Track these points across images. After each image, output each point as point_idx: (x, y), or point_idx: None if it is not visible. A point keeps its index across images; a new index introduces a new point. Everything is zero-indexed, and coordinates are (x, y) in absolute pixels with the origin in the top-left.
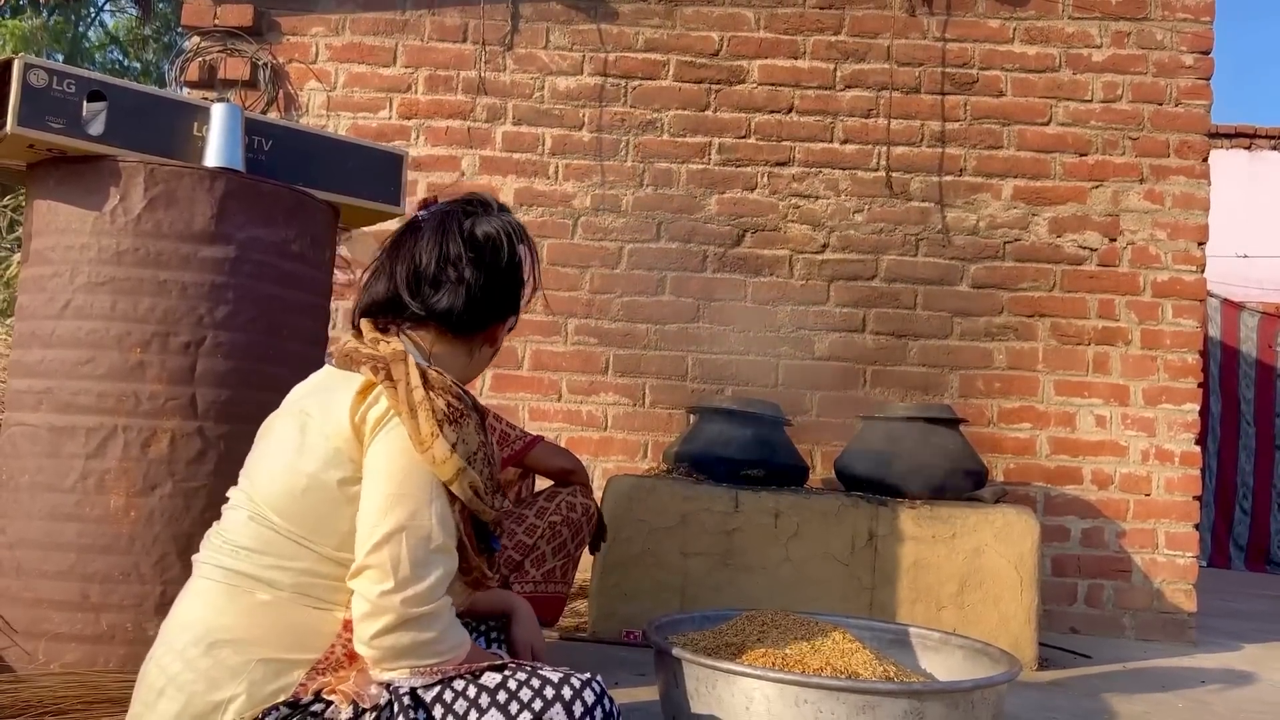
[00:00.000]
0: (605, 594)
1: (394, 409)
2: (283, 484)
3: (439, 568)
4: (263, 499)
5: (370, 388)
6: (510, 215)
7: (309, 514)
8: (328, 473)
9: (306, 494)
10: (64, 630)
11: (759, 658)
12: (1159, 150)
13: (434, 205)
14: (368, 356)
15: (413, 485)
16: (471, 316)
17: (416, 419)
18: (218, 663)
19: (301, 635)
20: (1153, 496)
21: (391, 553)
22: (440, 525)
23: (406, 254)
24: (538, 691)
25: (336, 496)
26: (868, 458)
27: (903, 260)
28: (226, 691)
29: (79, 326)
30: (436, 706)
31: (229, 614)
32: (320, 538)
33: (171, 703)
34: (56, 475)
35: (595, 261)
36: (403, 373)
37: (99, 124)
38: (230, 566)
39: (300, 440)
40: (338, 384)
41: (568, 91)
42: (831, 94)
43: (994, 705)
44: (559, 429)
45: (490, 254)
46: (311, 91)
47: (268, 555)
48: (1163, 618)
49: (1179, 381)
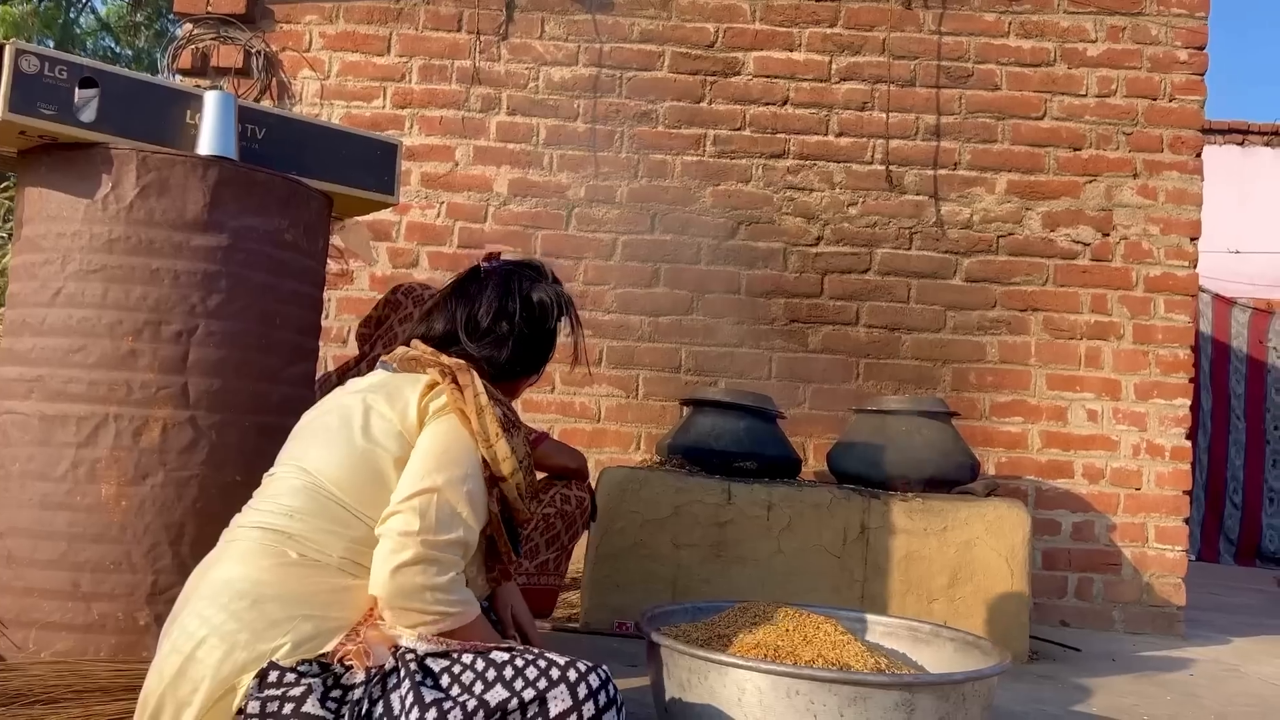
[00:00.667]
0: (597, 585)
1: (458, 406)
2: (343, 456)
3: (459, 531)
4: (319, 470)
5: (433, 386)
6: (560, 287)
7: (365, 486)
8: (389, 448)
9: (365, 467)
10: (55, 619)
11: (751, 649)
12: (1153, 145)
13: (497, 262)
14: (433, 363)
15: (453, 459)
16: (509, 366)
17: (484, 420)
18: (263, 615)
19: (343, 600)
20: (1143, 491)
21: (422, 503)
22: (468, 501)
23: (468, 301)
24: (543, 672)
25: (390, 472)
26: (860, 451)
27: (896, 253)
28: (273, 642)
29: (70, 314)
30: (444, 676)
31: (273, 572)
32: (372, 509)
33: (214, 651)
34: (47, 464)
35: (589, 253)
36: (469, 379)
37: (91, 111)
38: (280, 528)
39: (364, 422)
40: (404, 382)
41: (562, 82)
42: (827, 86)
43: (984, 697)
44: (552, 420)
45: (539, 318)
46: (305, 80)
47: (323, 519)
48: (1152, 611)
49: (1170, 376)
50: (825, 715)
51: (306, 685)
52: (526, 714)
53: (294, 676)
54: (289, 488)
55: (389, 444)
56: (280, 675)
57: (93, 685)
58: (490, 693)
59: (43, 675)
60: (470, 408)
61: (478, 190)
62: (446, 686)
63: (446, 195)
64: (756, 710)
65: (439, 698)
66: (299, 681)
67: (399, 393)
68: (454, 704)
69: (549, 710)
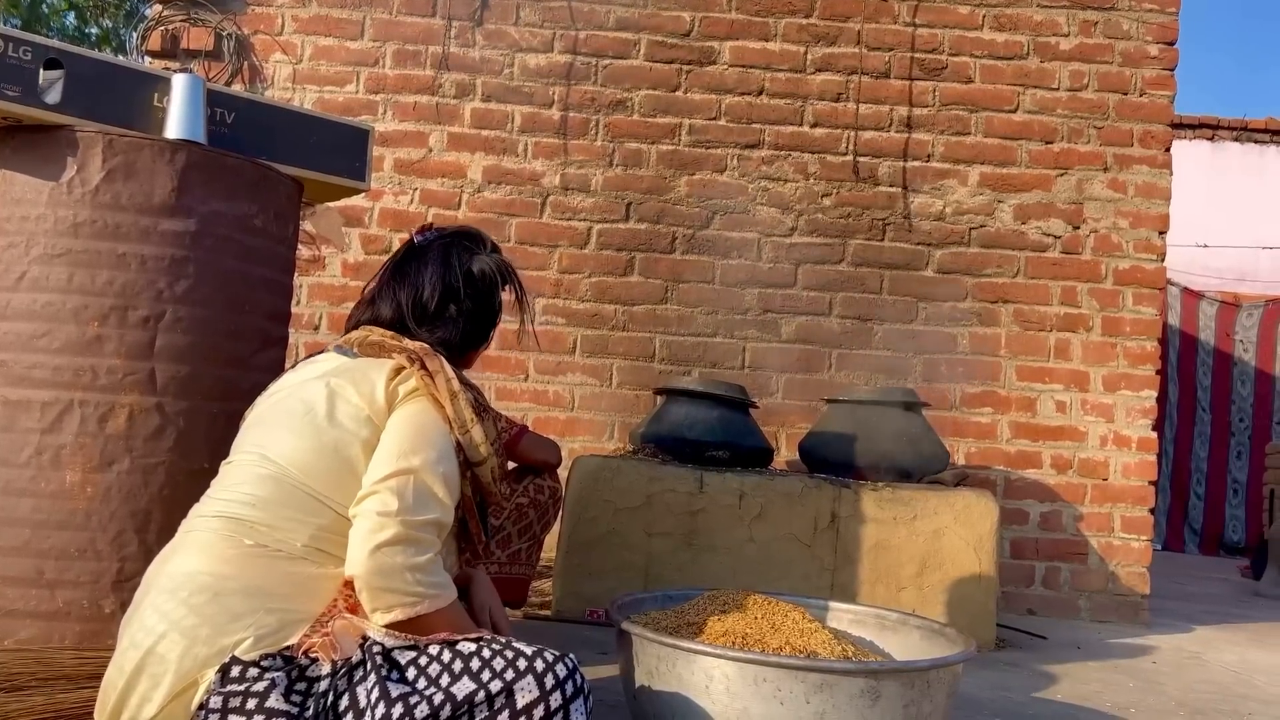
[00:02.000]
0: (570, 573)
1: (430, 391)
2: (309, 442)
3: (435, 511)
4: (283, 457)
5: (401, 370)
6: (499, 255)
7: (333, 472)
8: (356, 433)
9: (332, 453)
10: (18, 606)
11: (719, 637)
12: (1123, 139)
13: (433, 234)
14: (398, 349)
15: (428, 440)
16: (462, 345)
17: (458, 406)
18: (224, 609)
19: (306, 591)
20: (1110, 481)
21: (399, 484)
22: (444, 482)
23: (410, 284)
24: (510, 662)
25: (359, 456)
26: (831, 440)
27: (869, 245)
28: (234, 636)
29: (35, 299)
30: (410, 668)
31: (234, 563)
32: (340, 495)
33: (174, 646)
34: (11, 450)
35: (563, 241)
36: (438, 365)
37: (56, 92)
38: (242, 517)
39: (329, 407)
40: (368, 366)
41: (537, 69)
42: (802, 77)
43: (949, 684)
44: (526, 409)
45: (484, 291)
46: (277, 64)
47: (288, 507)
48: (1117, 600)
49: (1138, 368)
50: (791, 702)
51: (270, 680)
52: (494, 705)
53: (257, 671)
54: (252, 476)
55: (356, 429)
56: (243, 670)
57: (57, 673)
58: (456, 685)
59: (6, 663)
60: (443, 394)
61: (451, 177)
62: (413, 679)
63: (420, 182)
64: (724, 697)
65: (405, 692)
66: (262, 676)
67: (364, 377)
68: (420, 698)
69: (516, 701)
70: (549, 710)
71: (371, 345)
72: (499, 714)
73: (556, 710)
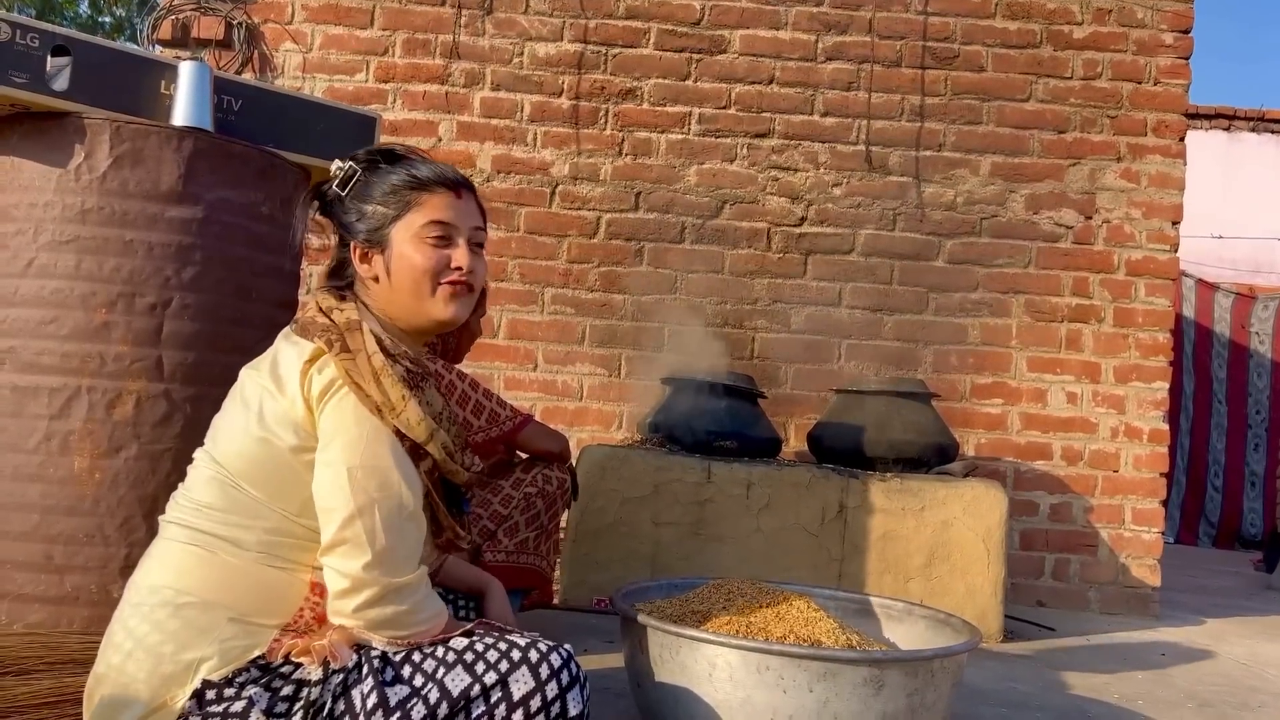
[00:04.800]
0: (577, 562)
1: (350, 378)
2: (241, 448)
3: (412, 534)
4: (224, 461)
5: (314, 360)
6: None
7: (270, 479)
8: (283, 439)
9: (265, 460)
10: (27, 591)
11: (723, 625)
12: (1137, 129)
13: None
14: (322, 328)
15: (375, 453)
16: (330, 270)
17: (382, 385)
18: (186, 623)
19: (269, 597)
20: (1121, 473)
21: (366, 525)
22: (410, 489)
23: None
24: (504, 654)
25: (293, 463)
26: (840, 431)
27: (880, 235)
28: (197, 652)
29: (43, 285)
30: (406, 666)
31: (195, 575)
32: (281, 502)
33: (140, 666)
34: (19, 435)
35: (573, 230)
36: (359, 342)
37: (63, 79)
38: (195, 525)
39: (258, 406)
40: (289, 357)
41: (547, 58)
42: (813, 66)
43: (954, 674)
44: (535, 399)
45: (354, 190)
46: (287, 53)
47: (232, 514)
48: (1127, 592)
49: (1150, 360)
50: (795, 690)
51: (247, 699)
52: (489, 698)
53: (233, 691)
54: (201, 479)
55: (284, 433)
56: (219, 692)
57: (65, 657)
58: (452, 681)
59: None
60: (365, 378)
61: (460, 166)
62: (409, 676)
63: None
64: (727, 685)
65: (402, 697)
66: (239, 695)
67: (286, 374)
68: (417, 698)
69: (511, 693)
70: (545, 701)
71: (303, 326)
72: (495, 707)
73: (553, 700)
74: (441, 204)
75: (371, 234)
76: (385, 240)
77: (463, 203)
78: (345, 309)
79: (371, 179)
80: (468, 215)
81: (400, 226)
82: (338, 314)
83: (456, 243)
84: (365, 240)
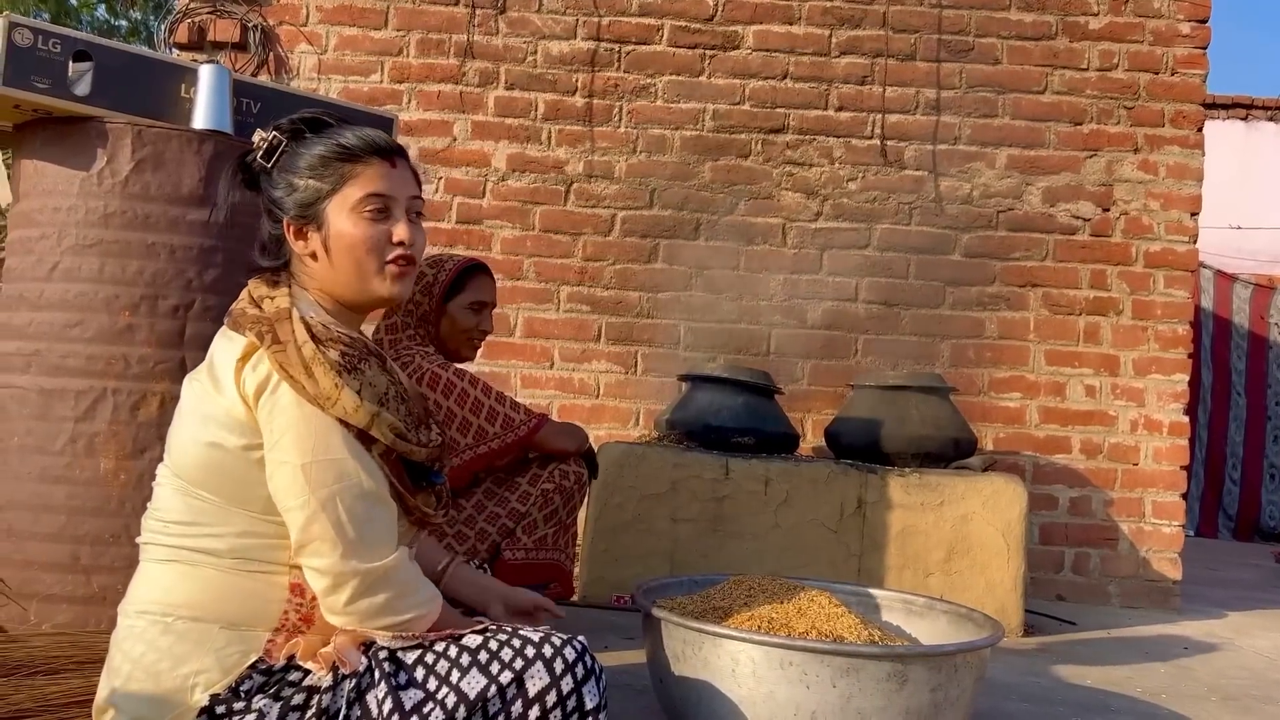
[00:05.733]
0: (595, 559)
1: (285, 370)
2: (193, 456)
3: (382, 518)
4: (179, 470)
5: (248, 355)
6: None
7: (225, 483)
8: (230, 440)
9: (218, 465)
10: (55, 591)
11: (745, 621)
12: (1154, 120)
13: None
14: (253, 320)
15: (325, 445)
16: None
17: (314, 376)
18: (180, 638)
19: (252, 603)
20: (1140, 466)
21: (331, 519)
22: (368, 473)
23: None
24: (519, 651)
25: (245, 462)
26: (858, 426)
27: (896, 229)
28: (193, 664)
29: (67, 289)
30: (418, 668)
31: (179, 592)
32: (243, 504)
33: (140, 687)
34: (46, 438)
35: (588, 229)
36: (289, 332)
37: (85, 84)
38: (169, 544)
39: (201, 412)
40: (224, 350)
41: (561, 56)
42: (826, 60)
43: (977, 669)
44: (551, 396)
45: (275, 162)
46: (302, 54)
47: (200, 525)
48: (1148, 585)
49: (1169, 352)
50: (818, 686)
51: (258, 711)
52: (506, 697)
53: (242, 705)
54: (165, 494)
55: (229, 435)
56: (228, 706)
57: (94, 657)
58: (467, 683)
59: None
60: (297, 370)
61: (475, 165)
62: (422, 680)
63: (444, 171)
64: (750, 681)
65: (418, 701)
66: (249, 708)
67: (222, 373)
68: (434, 704)
69: (527, 690)
70: (561, 695)
71: (234, 320)
72: (511, 704)
73: (569, 694)
74: (376, 175)
75: (304, 210)
76: (320, 216)
77: (398, 171)
78: (277, 296)
79: (299, 150)
80: (404, 184)
81: (335, 201)
82: (268, 303)
83: (395, 215)
84: (298, 216)
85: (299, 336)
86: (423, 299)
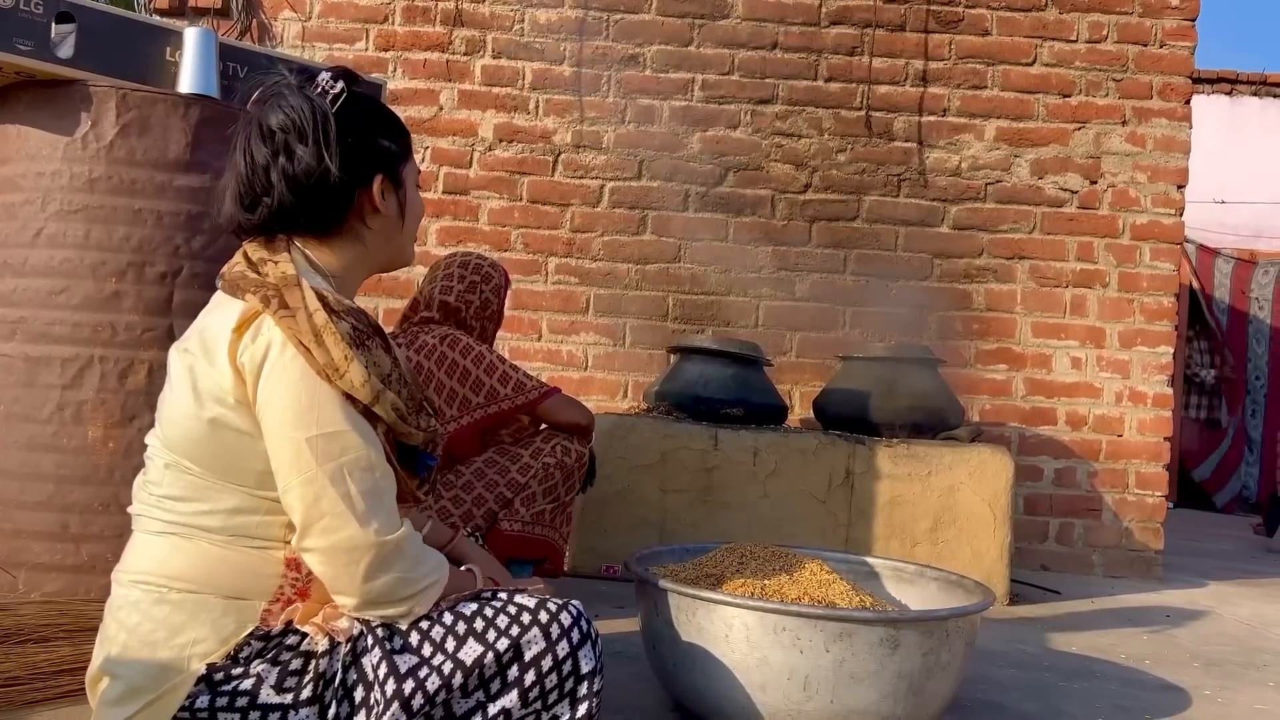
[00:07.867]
0: (585, 530)
1: (294, 337)
2: (185, 430)
3: (389, 491)
4: (171, 445)
5: (248, 322)
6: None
7: (218, 457)
8: (222, 413)
9: (210, 438)
10: (44, 560)
11: (738, 587)
12: (1142, 92)
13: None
14: (256, 284)
15: (331, 418)
16: (311, 209)
17: (325, 345)
18: (176, 608)
19: (247, 578)
20: (1125, 437)
21: (340, 493)
22: (373, 447)
23: (231, 166)
24: (514, 618)
25: (239, 438)
26: (846, 397)
27: (884, 201)
28: (189, 634)
29: (52, 255)
30: (413, 633)
31: (174, 564)
32: (236, 477)
33: (136, 656)
34: (33, 406)
35: (576, 199)
36: (299, 299)
37: (68, 47)
38: (162, 518)
39: (191, 383)
40: (218, 317)
41: (548, 24)
42: (816, 31)
43: (968, 634)
44: (539, 368)
45: (293, 143)
46: (286, 21)
47: (194, 501)
48: (1131, 555)
49: (1154, 324)
50: (811, 651)
51: (256, 676)
52: (502, 663)
53: (240, 670)
54: (158, 467)
55: (221, 407)
56: (226, 673)
57: (84, 625)
58: (464, 649)
59: (34, 615)
60: (306, 337)
61: (462, 135)
62: (417, 646)
63: (431, 140)
64: (743, 646)
65: (413, 665)
66: (247, 673)
67: (215, 341)
68: (430, 669)
69: (524, 655)
70: (557, 659)
71: (231, 283)
72: (508, 669)
73: (565, 658)
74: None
75: (394, 170)
76: (400, 178)
77: None
78: (280, 261)
79: (357, 109)
80: None
81: (410, 166)
82: (271, 267)
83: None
84: (391, 176)
85: (310, 304)
86: (492, 298)
